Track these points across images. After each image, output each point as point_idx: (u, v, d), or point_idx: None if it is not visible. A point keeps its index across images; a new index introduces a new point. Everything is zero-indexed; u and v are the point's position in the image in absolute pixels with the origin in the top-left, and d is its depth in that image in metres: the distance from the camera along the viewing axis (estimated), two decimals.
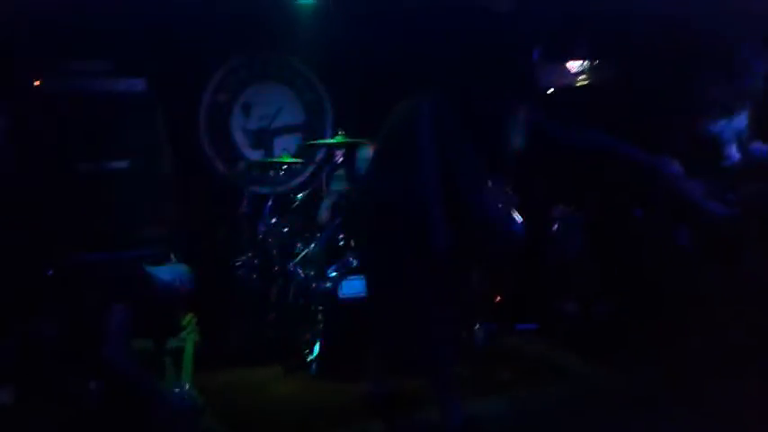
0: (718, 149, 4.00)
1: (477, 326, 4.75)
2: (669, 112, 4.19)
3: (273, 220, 5.05)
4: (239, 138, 6.00)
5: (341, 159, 5.20)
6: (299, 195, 5.25)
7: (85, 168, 4.08)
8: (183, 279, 3.59)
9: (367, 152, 5.33)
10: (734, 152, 4.03)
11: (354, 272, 4.50)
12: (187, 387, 3.48)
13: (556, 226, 5.52)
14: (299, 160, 5.62)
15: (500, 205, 3.52)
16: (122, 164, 4.17)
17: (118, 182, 4.18)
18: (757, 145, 4.13)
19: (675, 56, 5.02)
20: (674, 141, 4.00)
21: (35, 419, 3.42)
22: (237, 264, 5.09)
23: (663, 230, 4.21)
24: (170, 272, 3.58)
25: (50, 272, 3.70)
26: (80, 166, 4.07)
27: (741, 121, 4.04)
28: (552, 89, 5.93)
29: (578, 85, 6.30)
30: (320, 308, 4.55)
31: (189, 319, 3.69)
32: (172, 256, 3.85)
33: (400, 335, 3.42)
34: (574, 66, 6.21)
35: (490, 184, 3.40)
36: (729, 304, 3.98)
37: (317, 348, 4.48)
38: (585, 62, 6.18)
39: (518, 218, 3.85)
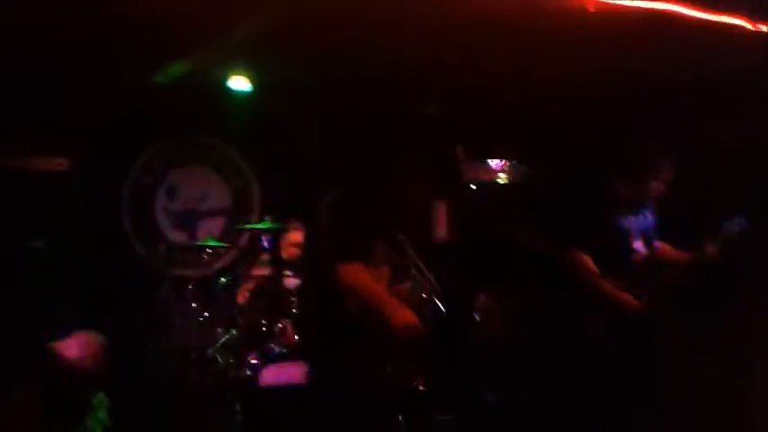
0: (627, 244, 4.21)
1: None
2: (582, 208, 4.40)
3: (193, 305, 4.95)
4: (163, 220, 5.94)
5: (267, 244, 5.21)
6: (222, 279, 5.19)
7: (2, 245, 3.95)
8: (92, 349, 3.44)
9: (292, 237, 5.39)
10: (640, 247, 4.25)
11: (278, 359, 4.45)
12: None
13: (477, 316, 5.63)
14: (222, 244, 5.59)
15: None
16: (39, 242, 4.07)
17: (34, 260, 4.05)
18: (659, 244, 4.39)
19: (588, 156, 5.37)
20: (587, 235, 4.19)
21: None
22: (155, 348, 4.94)
23: (576, 321, 4.35)
24: (78, 345, 3.42)
25: None
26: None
27: (647, 218, 4.29)
28: (474, 185, 6.19)
29: (499, 181, 6.61)
30: (239, 396, 4.45)
31: (99, 398, 3.52)
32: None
33: None
34: (495, 163, 6.54)
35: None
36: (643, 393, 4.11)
37: None
38: (506, 161, 6.51)
39: (440, 306, 3.91)
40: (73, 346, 3.46)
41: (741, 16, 3.46)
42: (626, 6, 3.27)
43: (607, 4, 3.24)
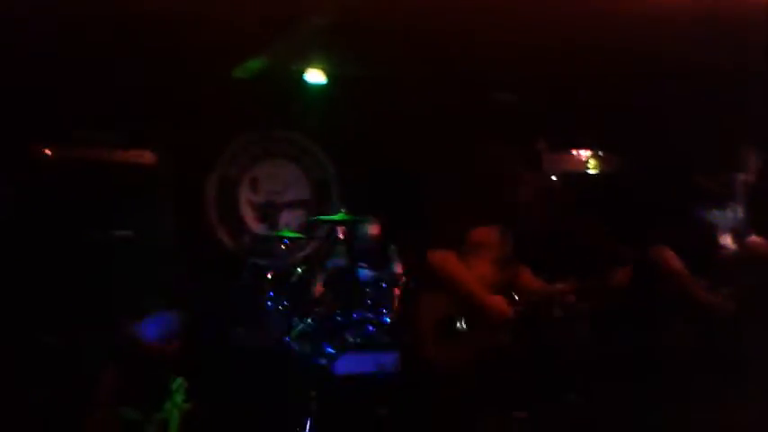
0: (713, 240, 4.01)
1: None
2: (666, 202, 4.23)
3: (271, 294, 5.07)
4: (246, 211, 6.12)
5: (341, 236, 5.27)
6: (299, 270, 5.29)
7: (91, 236, 4.17)
8: (171, 330, 3.57)
9: (367, 230, 5.43)
10: (728, 243, 4.04)
11: (351, 348, 4.50)
12: None
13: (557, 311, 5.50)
14: (301, 235, 5.70)
15: None
16: (127, 233, 4.27)
17: (122, 250, 4.25)
18: (752, 238, 4.15)
19: (673, 148, 5.14)
20: (671, 230, 4.02)
21: None
22: (234, 335, 5.09)
23: (666, 325, 4.19)
24: (158, 325, 3.57)
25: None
26: (86, 233, 4.16)
27: (736, 212, 4.07)
28: (556, 176, 6.04)
29: (581, 173, 6.43)
30: (315, 384, 4.53)
31: (179, 383, 3.64)
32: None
33: None
34: (578, 154, 6.34)
35: None
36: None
37: (307, 427, 4.43)
38: (588, 151, 6.32)
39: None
40: (153, 327, 3.61)
41: None
42: None
43: None
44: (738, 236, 4.06)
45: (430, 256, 3.23)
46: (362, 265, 5.28)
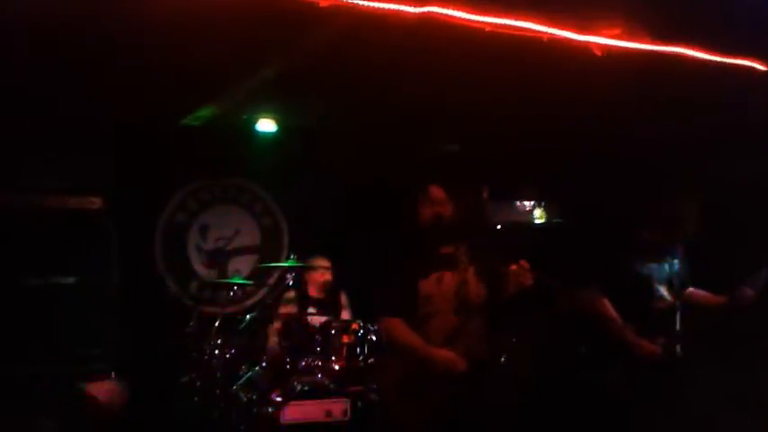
0: (649, 291, 4.14)
1: None
2: (604, 253, 4.37)
3: (219, 341, 5.03)
4: (194, 257, 6.09)
5: (291, 282, 5.29)
6: (247, 317, 5.27)
7: (31, 283, 4.08)
8: (117, 396, 3.52)
9: (318, 276, 5.46)
10: (665, 294, 4.17)
11: (299, 396, 4.48)
12: None
13: (503, 358, 5.58)
14: (250, 282, 5.68)
15: None
16: (69, 279, 4.18)
17: (63, 297, 4.16)
18: (690, 290, 4.30)
19: (613, 202, 5.34)
20: (608, 282, 4.14)
21: None
22: (180, 383, 5.02)
23: (600, 370, 4.28)
24: (104, 389, 3.51)
25: None
26: (26, 280, 4.07)
27: (674, 266, 4.21)
28: (500, 226, 6.19)
29: (535, 221, 6.61)
30: None
31: None
32: (111, 373, 3.79)
33: None
34: (521, 205, 6.54)
35: None
36: None
37: None
38: (531, 202, 6.52)
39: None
40: (103, 391, 3.55)
41: (753, 58, 3.46)
42: (637, 49, 3.30)
43: (614, 47, 3.27)
44: (675, 287, 4.19)
45: (379, 325, 3.28)
46: (312, 311, 5.30)
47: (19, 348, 3.91)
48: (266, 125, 5.49)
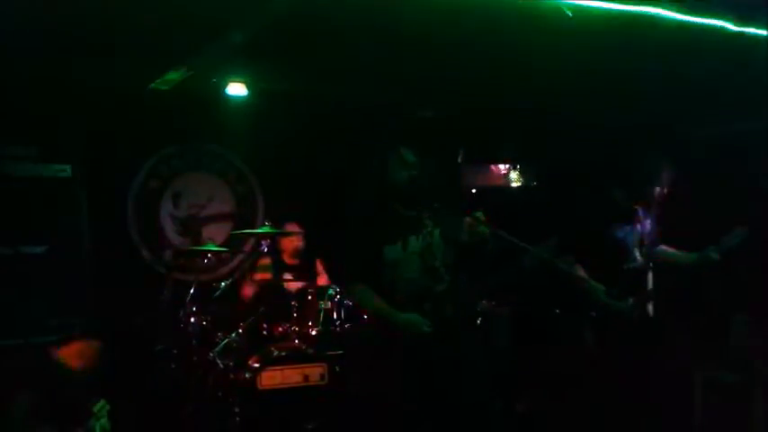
0: (623, 253, 4.19)
1: None
2: (579, 217, 4.41)
3: (194, 309, 5.01)
4: (167, 225, 6.03)
5: (266, 249, 5.27)
6: (222, 284, 5.25)
7: (2, 252, 4.04)
8: (88, 356, 3.49)
9: (292, 242, 5.45)
10: (637, 256, 4.22)
11: (276, 362, 4.49)
12: None
13: (479, 320, 5.64)
14: (224, 249, 5.65)
15: None
16: (40, 249, 4.15)
17: (34, 267, 4.13)
18: (661, 247, 4.36)
19: (587, 165, 5.36)
20: (584, 244, 4.18)
21: None
22: (156, 351, 5.01)
23: (574, 327, 4.35)
24: (77, 351, 3.48)
25: None
26: None
27: (645, 226, 4.26)
28: (475, 189, 6.21)
29: (511, 185, 6.63)
30: (239, 399, 4.49)
31: (101, 405, 3.56)
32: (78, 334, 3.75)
33: None
34: (496, 168, 6.55)
35: None
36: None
37: None
38: (507, 165, 6.53)
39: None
40: (72, 353, 3.52)
41: (723, 19, 3.46)
42: (608, 10, 3.28)
43: (584, 7, 3.25)
44: (646, 247, 4.25)
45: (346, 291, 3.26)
46: (288, 277, 5.29)
47: None
48: (237, 89, 5.40)
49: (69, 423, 3.50)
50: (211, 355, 4.81)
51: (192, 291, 5.06)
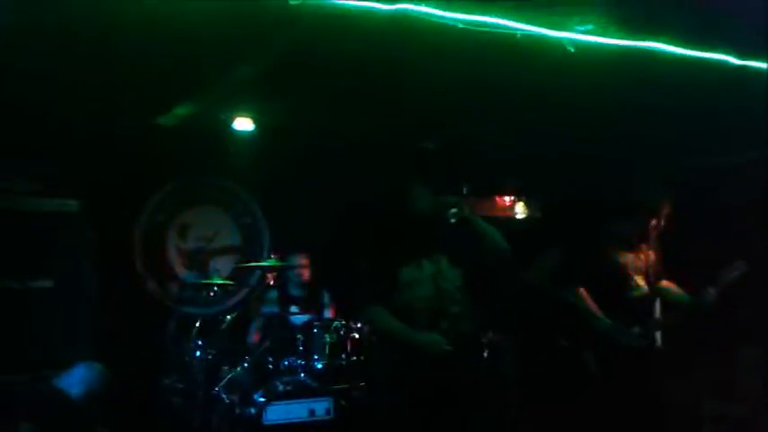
0: (626, 281, 4.19)
1: None
2: (581, 245, 4.41)
3: (200, 342, 5.01)
4: (174, 258, 6.05)
5: (272, 282, 5.27)
6: (228, 317, 5.24)
7: (8, 286, 4.06)
8: (94, 383, 3.47)
9: (296, 275, 5.45)
10: (642, 285, 4.21)
11: (282, 396, 4.47)
12: None
13: (486, 353, 5.61)
14: (231, 282, 5.66)
15: None
16: (47, 283, 4.17)
17: (42, 300, 4.15)
18: (663, 283, 4.35)
19: (586, 193, 5.38)
20: (585, 272, 4.19)
21: None
22: (161, 386, 4.99)
23: (578, 359, 4.33)
24: (81, 379, 3.45)
25: None
26: (3, 283, 4.05)
27: (649, 255, 4.26)
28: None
29: (516, 216, 6.65)
30: None
31: None
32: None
33: None
34: (501, 200, 6.58)
35: None
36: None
37: None
38: (511, 197, 6.56)
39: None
40: (76, 381, 3.50)
41: (725, 53, 3.49)
42: (610, 45, 3.32)
43: (587, 43, 3.29)
44: (650, 277, 4.24)
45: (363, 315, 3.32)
46: (294, 310, 5.29)
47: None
48: (243, 124, 5.46)
49: None
50: (216, 389, 4.79)
51: (197, 324, 5.08)
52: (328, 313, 5.43)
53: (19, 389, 3.44)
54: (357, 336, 4.87)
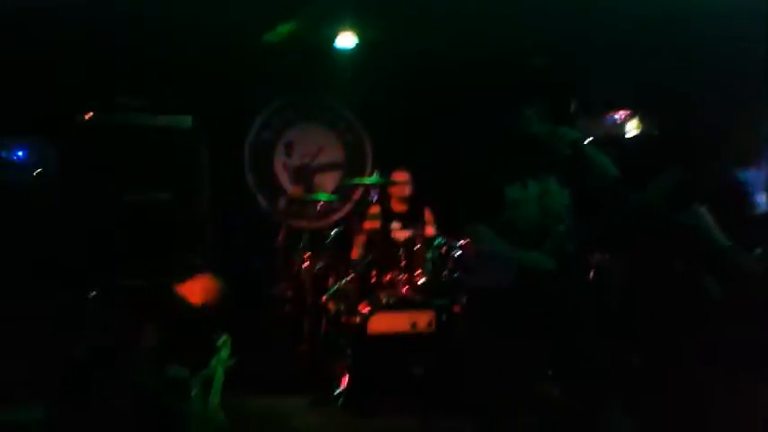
0: (747, 198, 3.99)
1: None
2: (700, 159, 4.20)
3: (307, 254, 5.19)
4: (281, 173, 6.23)
5: (375, 198, 5.34)
6: (334, 231, 5.39)
7: (130, 198, 4.31)
8: (214, 293, 3.68)
9: (400, 191, 5.49)
10: (762, 201, 4.00)
11: (384, 308, 4.61)
12: (215, 411, 3.56)
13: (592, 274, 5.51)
14: (335, 197, 5.79)
15: None
16: (165, 195, 4.39)
17: (160, 212, 4.38)
18: None
19: (707, 105, 5.06)
20: (705, 188, 4.00)
21: None
22: (272, 294, 5.24)
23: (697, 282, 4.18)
24: (200, 288, 3.68)
25: (93, 293, 3.91)
26: (125, 195, 4.31)
27: None
28: (591, 139, 5.99)
29: (627, 135, 6.37)
30: (349, 342, 4.64)
31: (224, 339, 3.71)
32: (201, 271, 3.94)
33: None
34: (612, 116, 6.28)
35: None
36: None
37: (344, 382, 4.56)
38: (626, 113, 6.25)
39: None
40: (196, 290, 3.72)
41: None
42: None
43: None
44: None
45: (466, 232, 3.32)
46: (396, 226, 5.36)
47: (125, 261, 4.19)
48: (345, 40, 5.43)
49: (196, 361, 3.73)
50: (324, 298, 4.98)
51: (304, 237, 5.26)
52: (431, 230, 5.48)
53: (146, 296, 3.68)
54: (459, 253, 4.90)
